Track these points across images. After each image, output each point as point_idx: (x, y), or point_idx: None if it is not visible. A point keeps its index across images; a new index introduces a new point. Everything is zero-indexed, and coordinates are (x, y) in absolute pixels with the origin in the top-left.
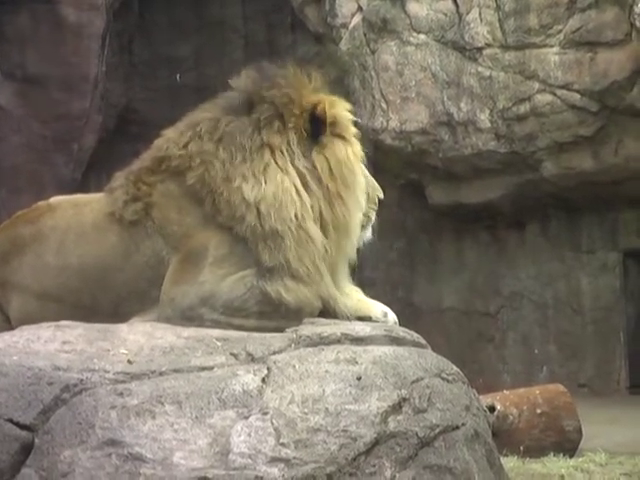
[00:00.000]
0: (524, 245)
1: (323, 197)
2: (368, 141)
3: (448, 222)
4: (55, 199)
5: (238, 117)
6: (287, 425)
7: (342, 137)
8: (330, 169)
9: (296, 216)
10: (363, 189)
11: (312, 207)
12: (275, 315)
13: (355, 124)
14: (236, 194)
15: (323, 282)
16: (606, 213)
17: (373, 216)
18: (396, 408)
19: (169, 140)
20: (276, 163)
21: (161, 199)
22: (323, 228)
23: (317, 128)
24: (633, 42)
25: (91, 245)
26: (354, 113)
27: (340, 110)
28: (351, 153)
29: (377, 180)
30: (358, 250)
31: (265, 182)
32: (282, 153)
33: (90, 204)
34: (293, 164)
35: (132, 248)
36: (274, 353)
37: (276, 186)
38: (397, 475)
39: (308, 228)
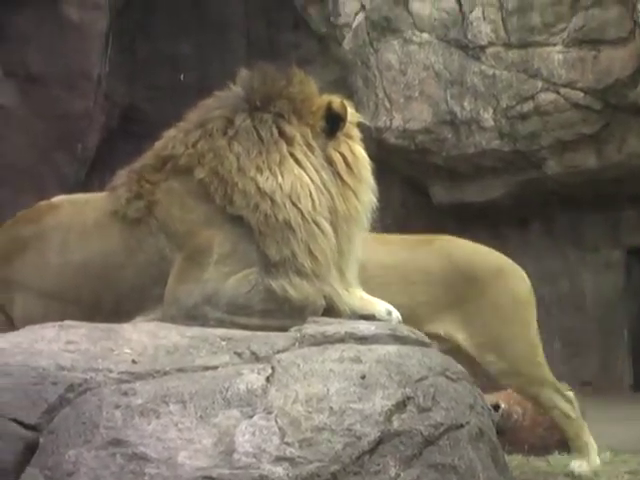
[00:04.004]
0: (527, 243)
1: (338, 192)
2: (371, 140)
3: (451, 221)
4: (57, 198)
5: (254, 113)
6: (291, 424)
7: (353, 136)
8: (347, 164)
9: (310, 209)
10: (374, 187)
11: (327, 201)
12: (279, 313)
13: (359, 125)
14: (251, 184)
15: (329, 278)
16: (609, 211)
17: None
18: (400, 407)
19: (174, 139)
20: (293, 156)
21: (164, 197)
22: (336, 222)
23: (334, 124)
24: (636, 40)
25: (93, 243)
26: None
27: (351, 109)
28: (364, 151)
29: (380, 179)
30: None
31: (282, 175)
32: (300, 146)
33: (92, 203)
34: (310, 158)
35: (135, 246)
36: (278, 352)
37: (293, 179)
38: (402, 474)
39: (320, 222)
